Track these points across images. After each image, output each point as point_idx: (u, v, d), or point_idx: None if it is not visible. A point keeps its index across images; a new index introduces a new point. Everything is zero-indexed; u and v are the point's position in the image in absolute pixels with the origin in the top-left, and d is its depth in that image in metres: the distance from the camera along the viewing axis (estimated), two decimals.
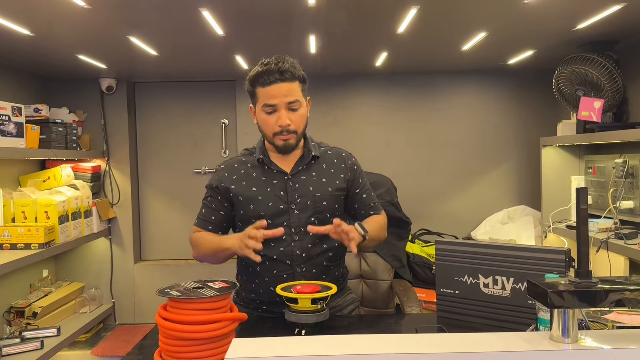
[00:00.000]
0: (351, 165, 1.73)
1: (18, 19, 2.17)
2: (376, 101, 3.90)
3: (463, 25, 2.50)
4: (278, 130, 1.59)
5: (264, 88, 1.57)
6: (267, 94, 1.57)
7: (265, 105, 1.58)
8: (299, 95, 1.60)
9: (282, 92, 1.56)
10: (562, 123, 3.22)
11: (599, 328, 1.33)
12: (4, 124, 2.36)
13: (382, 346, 0.95)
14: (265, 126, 1.62)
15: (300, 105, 1.60)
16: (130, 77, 3.78)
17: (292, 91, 1.57)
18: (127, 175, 3.80)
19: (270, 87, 1.56)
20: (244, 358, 0.93)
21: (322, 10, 2.16)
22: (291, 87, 1.57)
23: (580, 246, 1.02)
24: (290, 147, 1.63)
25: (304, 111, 1.63)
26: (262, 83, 1.56)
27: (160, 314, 1.29)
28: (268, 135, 1.63)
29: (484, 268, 1.54)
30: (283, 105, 1.57)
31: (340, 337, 1.01)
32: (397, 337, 1.01)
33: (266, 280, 1.64)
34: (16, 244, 2.66)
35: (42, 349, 2.66)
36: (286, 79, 1.56)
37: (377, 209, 1.78)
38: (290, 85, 1.57)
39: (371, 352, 0.94)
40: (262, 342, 0.99)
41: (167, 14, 2.19)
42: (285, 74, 1.55)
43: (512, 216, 3.83)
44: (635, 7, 2.19)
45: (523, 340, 0.99)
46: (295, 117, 1.59)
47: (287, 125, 1.58)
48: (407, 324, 1.71)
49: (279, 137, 1.60)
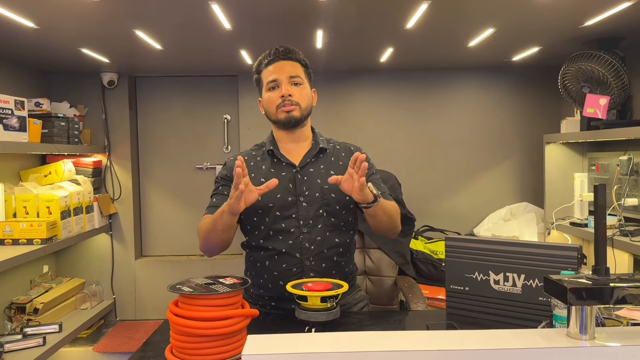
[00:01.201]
0: None
1: (23, 11, 2.14)
2: (380, 97, 3.88)
3: (472, 20, 2.48)
4: (280, 102, 1.60)
5: (267, 68, 1.63)
6: (270, 72, 1.62)
7: (269, 82, 1.62)
8: (301, 74, 1.64)
9: (285, 68, 1.61)
10: (565, 120, 3.22)
11: (613, 325, 1.32)
12: (7, 118, 2.34)
13: (399, 343, 0.95)
14: (269, 103, 1.64)
15: (302, 82, 1.64)
16: (132, 72, 3.75)
17: (294, 68, 1.63)
18: (128, 170, 3.78)
19: (273, 64, 1.62)
20: (261, 354, 0.92)
21: (333, 5, 2.15)
22: (293, 65, 1.63)
23: (598, 243, 1.02)
24: (294, 120, 1.62)
25: (308, 91, 1.66)
26: (266, 64, 1.63)
27: (172, 310, 1.27)
28: (272, 112, 1.64)
29: (495, 265, 1.53)
30: (285, 79, 1.61)
31: (357, 334, 1.01)
32: (414, 334, 1.00)
33: (275, 275, 1.62)
34: (18, 240, 2.64)
35: (44, 345, 2.65)
36: (288, 58, 1.63)
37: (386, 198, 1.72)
38: (293, 64, 1.63)
39: (389, 349, 0.93)
40: (278, 338, 0.98)
41: (176, 7, 2.17)
42: (287, 53, 1.63)
43: (514, 213, 3.83)
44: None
45: (540, 337, 0.99)
46: (298, 91, 1.62)
47: (289, 94, 1.60)
48: (417, 320, 1.71)
49: (281, 110, 1.61)
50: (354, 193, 1.44)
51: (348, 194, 1.46)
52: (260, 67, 1.66)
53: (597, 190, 1.01)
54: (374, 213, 1.52)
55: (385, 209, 1.57)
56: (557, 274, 1.05)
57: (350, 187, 1.44)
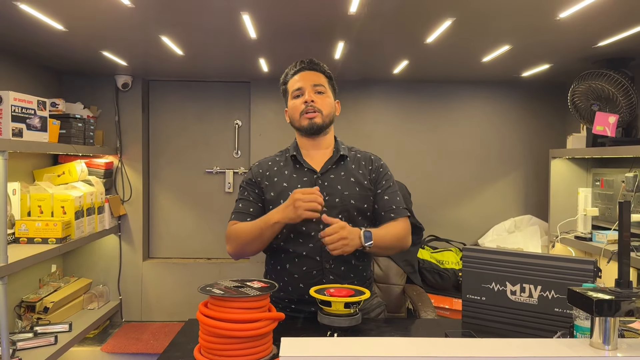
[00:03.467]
0: (377, 167, 1.78)
1: (55, 14, 2.19)
2: (389, 107, 3.94)
3: (491, 37, 2.55)
4: (303, 108, 1.67)
5: (293, 78, 1.72)
6: (295, 81, 1.71)
7: (294, 91, 1.70)
8: (325, 84, 1.72)
9: (310, 77, 1.70)
10: (572, 136, 3.28)
11: (631, 337, 1.37)
12: (30, 118, 2.37)
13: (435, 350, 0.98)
14: (293, 110, 1.71)
15: (325, 92, 1.71)
16: (146, 75, 3.80)
17: (318, 78, 1.71)
18: (139, 172, 3.82)
19: (299, 74, 1.71)
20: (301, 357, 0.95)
21: (361, 18, 2.21)
22: (318, 76, 1.72)
23: (621, 257, 1.07)
24: (317, 127, 1.68)
25: (331, 100, 1.73)
26: (292, 74, 1.73)
27: (202, 311, 1.30)
28: (296, 119, 1.71)
29: (512, 276, 1.58)
30: (309, 87, 1.69)
31: (391, 340, 1.05)
32: (443, 341, 1.04)
33: (296, 278, 1.66)
34: (33, 238, 2.67)
35: (55, 344, 2.67)
36: (313, 69, 1.72)
37: (399, 213, 1.75)
38: (317, 74, 1.72)
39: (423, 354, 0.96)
40: (313, 342, 1.02)
41: (207, 16, 2.22)
42: (312, 64, 1.72)
43: (518, 225, 3.89)
44: None
45: (564, 346, 1.03)
46: (320, 99, 1.69)
47: (312, 101, 1.67)
48: (433, 328, 1.74)
49: (304, 116, 1.68)
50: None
51: None
52: (287, 78, 1.75)
53: (622, 207, 1.06)
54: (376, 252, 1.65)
55: (386, 241, 1.64)
56: (573, 286, 1.08)
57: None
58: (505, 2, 2.02)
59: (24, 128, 2.34)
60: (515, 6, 2.06)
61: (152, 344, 3.33)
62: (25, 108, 2.35)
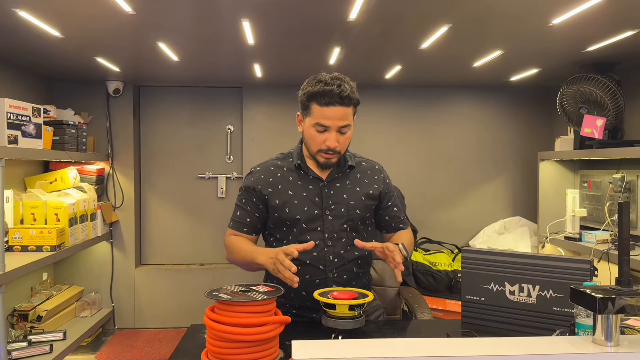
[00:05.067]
0: (384, 178, 1.80)
1: (54, 21, 2.18)
2: (381, 111, 3.98)
3: (484, 43, 2.59)
4: (324, 149, 1.63)
5: (320, 107, 1.59)
6: (323, 114, 1.59)
7: (318, 125, 1.61)
8: (350, 119, 1.64)
9: (338, 115, 1.59)
10: (560, 139, 3.35)
11: (630, 333, 1.41)
12: (25, 125, 2.36)
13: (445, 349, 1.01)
14: (312, 141, 1.65)
15: (349, 129, 1.65)
16: (137, 81, 3.79)
17: (347, 116, 1.62)
18: (130, 178, 3.80)
19: (328, 108, 1.58)
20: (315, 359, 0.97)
21: (359, 24, 2.22)
22: (346, 112, 1.61)
23: (621, 256, 1.10)
24: (331, 165, 1.69)
25: (351, 133, 1.68)
26: (320, 102, 1.59)
27: (209, 316, 1.31)
28: (312, 150, 1.67)
29: (511, 276, 1.61)
30: (335, 128, 1.61)
31: (400, 341, 1.07)
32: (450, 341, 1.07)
33: (299, 285, 1.68)
34: (27, 246, 2.64)
35: (51, 353, 2.64)
36: (344, 104, 1.59)
37: (406, 223, 1.85)
38: (347, 110, 1.61)
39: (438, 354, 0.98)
40: (324, 344, 1.03)
41: (206, 22, 2.22)
42: (344, 100, 1.59)
43: (508, 227, 3.95)
44: None
45: (568, 343, 1.06)
46: (343, 140, 1.65)
47: (335, 147, 1.62)
48: (434, 329, 1.77)
49: (322, 155, 1.64)
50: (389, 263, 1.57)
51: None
52: (312, 99, 1.61)
53: (621, 207, 1.10)
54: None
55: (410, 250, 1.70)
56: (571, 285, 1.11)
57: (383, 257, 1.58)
58: (502, 8, 2.06)
59: (19, 135, 2.32)
60: (511, 12, 2.11)
61: (147, 351, 3.31)
62: (20, 115, 2.33)
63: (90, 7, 2.00)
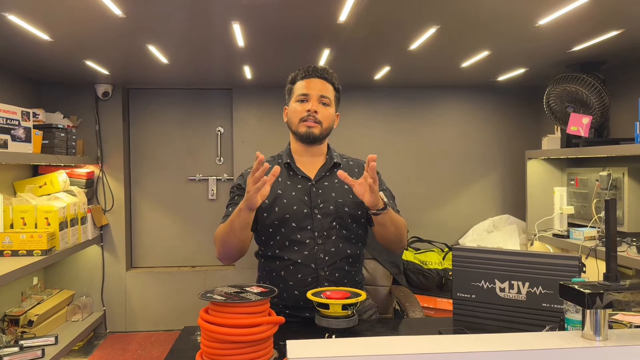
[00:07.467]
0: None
1: (43, 24, 2.17)
2: (370, 112, 4.01)
3: (472, 43, 2.62)
4: (305, 115, 1.69)
5: (302, 81, 1.72)
6: (303, 86, 1.71)
7: (299, 95, 1.71)
8: (331, 96, 1.74)
9: (318, 86, 1.71)
10: (547, 137, 3.40)
11: (618, 327, 1.44)
12: (14, 129, 2.34)
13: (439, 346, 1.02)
14: (293, 114, 1.72)
15: (330, 104, 1.73)
16: (126, 83, 3.77)
17: (326, 89, 1.72)
18: (120, 181, 3.78)
19: (308, 79, 1.71)
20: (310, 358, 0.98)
21: (349, 26, 2.24)
22: (326, 86, 1.72)
23: (609, 252, 1.13)
24: (313, 137, 1.70)
25: (333, 113, 1.75)
26: (302, 77, 1.72)
27: (203, 317, 1.31)
28: (294, 123, 1.71)
29: (501, 273, 1.64)
30: (315, 97, 1.70)
31: (394, 339, 1.08)
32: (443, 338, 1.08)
33: (291, 285, 1.69)
34: (17, 251, 2.62)
35: (43, 358, 2.63)
36: (324, 78, 1.72)
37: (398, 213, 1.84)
38: (326, 84, 1.73)
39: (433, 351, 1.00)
40: (319, 343, 1.04)
41: (197, 25, 2.23)
42: (324, 73, 1.72)
43: (497, 225, 3.99)
44: (631, 32, 2.36)
45: (558, 338, 1.08)
46: (323, 110, 1.71)
47: (315, 111, 1.68)
48: (426, 327, 1.79)
49: (304, 123, 1.69)
50: (366, 195, 1.51)
51: (360, 197, 1.53)
52: (296, 78, 1.75)
53: (608, 204, 1.12)
54: (383, 221, 1.60)
55: (394, 219, 1.65)
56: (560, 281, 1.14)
57: (363, 190, 1.52)
58: (489, 9, 2.10)
59: (9, 139, 2.31)
60: (499, 14, 2.14)
61: (139, 354, 3.30)
62: (9, 119, 2.32)
63: (81, 11, 1.99)
